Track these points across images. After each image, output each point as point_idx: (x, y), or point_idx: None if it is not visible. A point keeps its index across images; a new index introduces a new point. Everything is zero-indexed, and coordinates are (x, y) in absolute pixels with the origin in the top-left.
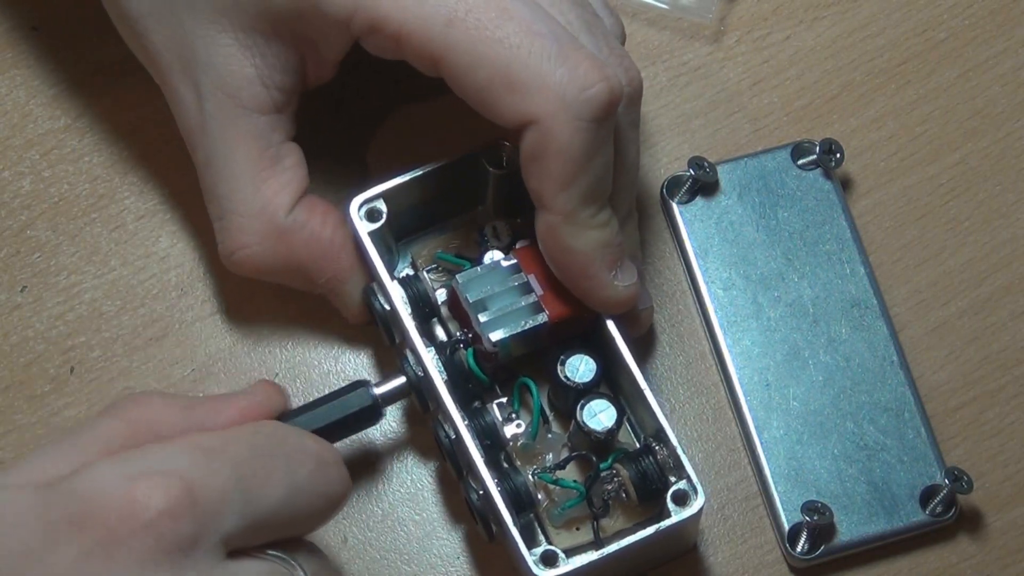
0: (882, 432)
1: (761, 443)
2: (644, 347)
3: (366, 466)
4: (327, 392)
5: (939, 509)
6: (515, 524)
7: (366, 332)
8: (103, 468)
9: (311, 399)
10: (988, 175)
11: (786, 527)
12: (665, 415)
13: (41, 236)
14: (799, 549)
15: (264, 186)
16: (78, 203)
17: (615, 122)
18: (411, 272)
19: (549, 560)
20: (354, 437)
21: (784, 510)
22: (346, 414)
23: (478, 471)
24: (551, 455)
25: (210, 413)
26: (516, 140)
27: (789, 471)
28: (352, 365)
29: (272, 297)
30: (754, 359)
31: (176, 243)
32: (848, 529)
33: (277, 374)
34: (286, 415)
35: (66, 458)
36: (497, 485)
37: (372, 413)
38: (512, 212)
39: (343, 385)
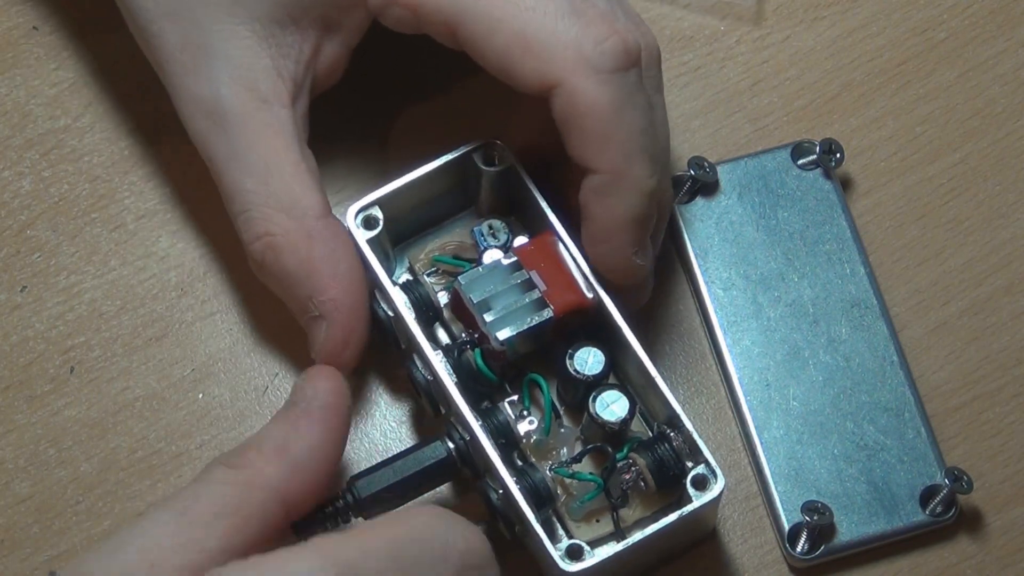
0: (882, 432)
1: (761, 443)
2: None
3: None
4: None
5: (939, 509)
6: (538, 521)
7: None
8: None
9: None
10: (988, 175)
11: (786, 527)
12: (679, 400)
13: (41, 236)
14: (799, 549)
15: (294, 182)
16: (78, 203)
17: (640, 79)
18: (410, 277)
19: (575, 554)
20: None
21: (784, 510)
22: (420, 468)
23: (496, 471)
24: (565, 449)
25: (303, 448)
26: (544, 114)
27: (789, 471)
28: None
29: (272, 297)
30: (754, 359)
31: (176, 243)
32: (848, 529)
33: (277, 374)
34: (359, 474)
35: (183, 531)
36: (516, 483)
37: (448, 468)
38: (505, 210)
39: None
